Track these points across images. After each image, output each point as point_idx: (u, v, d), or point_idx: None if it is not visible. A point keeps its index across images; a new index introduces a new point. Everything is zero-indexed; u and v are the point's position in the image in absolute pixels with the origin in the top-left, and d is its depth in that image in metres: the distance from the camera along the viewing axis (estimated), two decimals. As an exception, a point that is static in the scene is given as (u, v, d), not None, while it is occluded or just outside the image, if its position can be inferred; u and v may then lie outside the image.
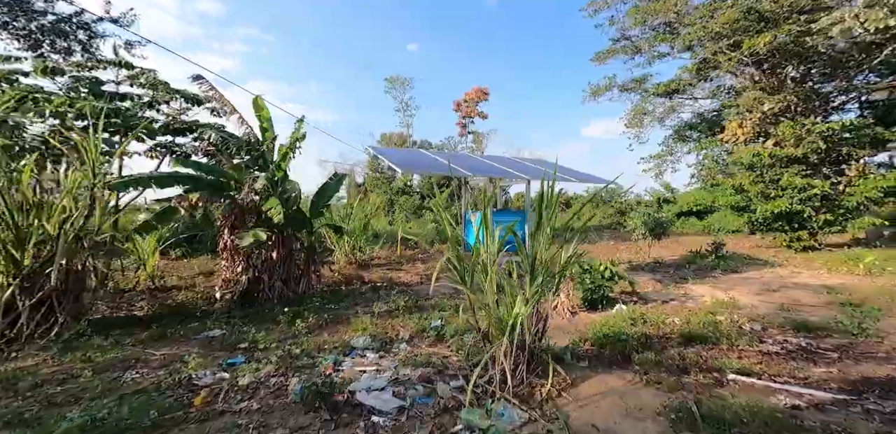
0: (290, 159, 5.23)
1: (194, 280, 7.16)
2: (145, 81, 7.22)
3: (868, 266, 6.67)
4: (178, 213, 4.23)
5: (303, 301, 5.56)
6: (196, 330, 4.33)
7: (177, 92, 7.28)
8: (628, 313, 4.53)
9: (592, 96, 18.50)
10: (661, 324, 4.21)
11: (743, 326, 4.07)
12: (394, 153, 6.32)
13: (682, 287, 6.03)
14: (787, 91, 12.10)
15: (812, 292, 5.44)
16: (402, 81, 34.46)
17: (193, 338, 4.15)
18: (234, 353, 3.71)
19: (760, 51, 10.89)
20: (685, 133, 18.17)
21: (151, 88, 7.18)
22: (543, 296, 3.07)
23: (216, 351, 3.80)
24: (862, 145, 10.85)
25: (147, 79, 7.27)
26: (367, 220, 9.79)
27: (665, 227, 9.16)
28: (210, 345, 3.95)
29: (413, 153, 6.67)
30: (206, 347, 3.88)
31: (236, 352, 3.77)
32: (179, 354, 3.67)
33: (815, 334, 3.72)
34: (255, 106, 5.82)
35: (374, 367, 3.42)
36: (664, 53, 15.96)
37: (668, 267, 7.87)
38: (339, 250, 8.87)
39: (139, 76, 7.32)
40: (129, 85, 7.44)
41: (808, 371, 2.99)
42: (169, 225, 4.80)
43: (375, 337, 4.24)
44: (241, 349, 3.83)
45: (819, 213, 10.52)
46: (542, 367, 3.08)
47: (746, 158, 11.74)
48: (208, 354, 3.69)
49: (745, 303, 4.96)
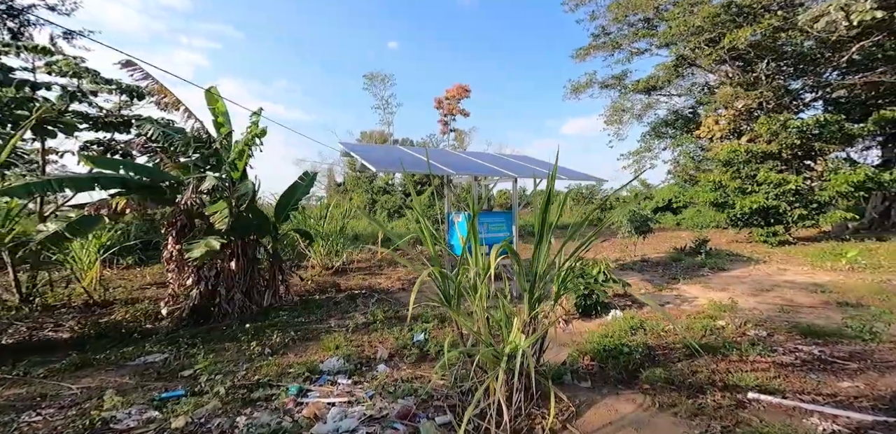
0: (248, 157, 4.58)
1: (145, 292, 6.36)
2: (66, 68, 6.21)
3: (851, 261, 6.69)
4: (100, 222, 3.53)
5: (268, 315, 4.94)
6: (131, 354, 3.65)
7: (108, 82, 6.35)
8: (625, 320, 4.19)
9: (573, 93, 18.43)
10: (662, 332, 3.90)
11: (748, 333, 3.81)
12: (368, 150, 5.77)
13: (673, 288, 5.80)
14: (762, 87, 12.29)
15: (805, 291, 5.31)
16: (382, 78, 33.54)
17: (125, 364, 3.48)
18: (173, 384, 3.10)
19: (740, 46, 10.95)
20: (662, 130, 18.39)
21: (75, 77, 6.22)
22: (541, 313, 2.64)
23: (152, 381, 3.17)
24: (832, 141, 11.12)
25: (67, 65, 6.27)
26: (344, 222, 9.15)
27: (649, 225, 9.02)
28: (145, 373, 3.31)
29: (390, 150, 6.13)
30: (140, 376, 3.24)
31: (177, 382, 3.15)
32: (103, 387, 3.02)
33: (825, 340, 3.49)
34: (207, 98, 5.10)
35: (346, 399, 2.90)
36: (643, 50, 16.00)
37: (655, 265, 7.70)
38: (314, 255, 8.22)
39: (58, 62, 6.28)
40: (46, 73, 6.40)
41: (833, 386, 2.71)
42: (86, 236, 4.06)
43: (349, 357, 3.71)
44: (184, 378, 3.21)
45: (793, 207, 10.72)
46: (541, 391, 2.66)
47: (724, 154, 11.85)
48: (140, 386, 3.06)
49: (743, 305, 4.75)
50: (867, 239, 10.86)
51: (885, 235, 11.57)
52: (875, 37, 11.12)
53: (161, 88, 4.38)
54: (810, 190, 10.99)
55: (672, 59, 14.81)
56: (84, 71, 6.33)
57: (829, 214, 10.50)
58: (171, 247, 4.14)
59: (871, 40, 11.21)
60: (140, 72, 4.19)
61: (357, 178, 28.53)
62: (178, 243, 4.06)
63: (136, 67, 4.16)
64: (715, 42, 11.87)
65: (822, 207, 10.83)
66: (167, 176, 4.00)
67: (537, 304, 2.57)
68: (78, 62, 6.59)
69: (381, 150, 5.93)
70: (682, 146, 16.99)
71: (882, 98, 12.99)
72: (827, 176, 11.28)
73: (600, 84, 17.61)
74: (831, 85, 13.03)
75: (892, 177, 10.16)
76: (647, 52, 16.01)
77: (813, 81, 13.29)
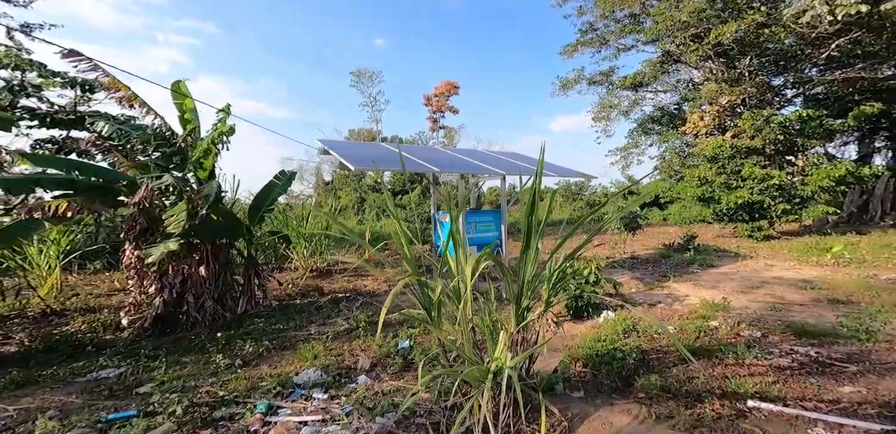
0: (216, 156, 4.24)
1: (110, 299, 5.96)
2: (6, 60, 5.64)
3: (836, 256, 6.73)
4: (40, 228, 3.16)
5: (243, 323, 4.64)
6: (82, 370, 3.32)
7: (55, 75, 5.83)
8: (618, 322, 4.05)
9: (562, 89, 18.35)
10: (656, 334, 3.76)
11: (742, 334, 3.70)
12: (349, 147, 5.47)
13: (664, 286, 5.71)
14: (745, 83, 12.38)
15: (794, 288, 5.27)
16: (369, 75, 32.87)
17: (74, 381, 3.16)
18: (125, 403, 2.80)
19: (725, 41, 10.96)
20: (648, 126, 18.49)
21: (17, 70, 5.69)
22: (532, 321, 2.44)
23: (102, 399, 2.86)
24: (814, 136, 11.27)
25: (7, 57, 5.71)
26: (328, 221, 8.81)
27: (638, 221, 8.97)
28: (96, 390, 3.00)
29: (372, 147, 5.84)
30: (90, 395, 2.93)
31: (130, 400, 2.85)
32: (45, 407, 2.71)
33: (820, 341, 3.39)
34: (174, 93, 4.72)
35: (320, 416, 2.65)
36: (629, 46, 15.98)
37: (645, 263, 7.63)
38: (298, 257, 7.88)
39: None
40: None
41: (834, 391, 2.59)
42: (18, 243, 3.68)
43: (328, 368, 3.46)
44: (140, 395, 2.91)
45: (777, 202, 10.84)
46: (531, 404, 2.47)
47: (709, 150, 11.91)
48: (88, 405, 2.76)
49: (735, 303, 4.66)
50: (848, 233, 11.07)
51: (865, 229, 11.83)
52: (854, 33, 11.28)
53: (113, 81, 3.99)
54: (792, 185, 11.14)
55: (658, 56, 14.82)
56: (27, 63, 5.79)
57: (812, 209, 10.66)
58: (130, 252, 3.80)
59: (849, 37, 11.36)
60: (86, 63, 3.79)
61: (345, 176, 27.98)
62: (137, 248, 3.72)
63: (80, 58, 3.76)
64: (700, 38, 11.89)
65: (805, 202, 10.99)
66: (121, 176, 3.64)
67: (526, 312, 2.37)
68: (21, 54, 6.03)
69: (362, 148, 5.64)
70: (668, 142, 17.10)
71: (859, 94, 13.26)
72: (809, 171, 11.45)
73: (588, 80, 17.56)
74: (812, 81, 13.22)
75: (871, 171, 10.34)
76: (634, 48, 16.01)
77: (794, 78, 13.47)
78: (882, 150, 16.68)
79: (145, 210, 3.45)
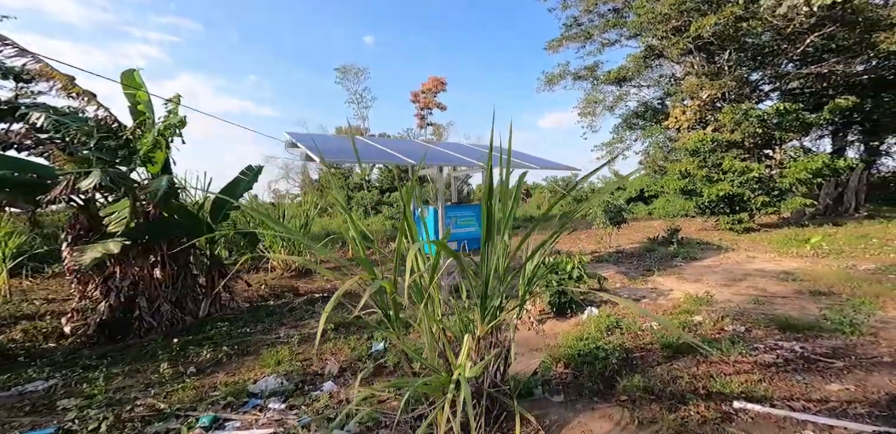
0: (167, 149, 3.88)
1: (65, 304, 5.52)
2: None
3: (815, 247, 6.76)
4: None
5: (204, 327, 4.31)
6: (6, 383, 2.97)
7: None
8: (601, 318, 3.89)
9: (548, 84, 18.26)
10: (640, 331, 3.61)
11: (726, 328, 3.59)
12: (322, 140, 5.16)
13: (648, 280, 5.60)
14: (725, 77, 12.48)
15: (776, 280, 5.23)
16: (355, 72, 32.14)
17: (-4, 397, 2.82)
18: (47, 419, 2.49)
19: (704, 34, 10.97)
20: (633, 121, 18.58)
21: None
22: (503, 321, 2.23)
23: (21, 416, 2.54)
24: (791, 129, 11.43)
25: None
26: (307, 220, 8.43)
27: (623, 215, 8.90)
28: (17, 406, 2.66)
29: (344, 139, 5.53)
30: (9, 411, 2.60)
31: (54, 415, 2.54)
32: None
33: (804, 334, 3.29)
34: (125, 83, 4.31)
35: (271, 430, 2.40)
36: (613, 41, 15.95)
37: (630, 257, 7.55)
38: (275, 257, 7.50)
39: None
40: None
41: (822, 389, 2.47)
42: None
43: (291, 374, 3.20)
44: (66, 410, 2.59)
45: (756, 194, 10.97)
46: (506, 411, 2.27)
47: (691, 144, 11.97)
48: (5, 423, 2.44)
49: (718, 297, 4.57)
50: (825, 224, 11.29)
51: (840, 220, 12.10)
52: (828, 28, 11.45)
53: (46, 69, 3.58)
54: (771, 178, 11.28)
55: (641, 50, 14.82)
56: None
57: (790, 201, 10.81)
58: (68, 254, 3.44)
59: (823, 32, 11.53)
60: (11, 47, 3.38)
61: (332, 174, 27.45)
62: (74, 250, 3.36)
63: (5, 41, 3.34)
64: (680, 31, 11.90)
65: (783, 194, 11.15)
66: (53, 172, 3.25)
67: (498, 312, 2.15)
68: None
69: (335, 141, 5.32)
70: (652, 137, 17.22)
71: (833, 89, 13.53)
72: (787, 164, 11.63)
73: (573, 75, 17.49)
74: (788, 75, 13.43)
75: (846, 163, 10.54)
76: (618, 43, 15.99)
77: (771, 72, 13.66)
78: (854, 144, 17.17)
79: (84, 208, 3.09)
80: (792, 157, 12.01)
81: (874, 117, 14.08)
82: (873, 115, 13.89)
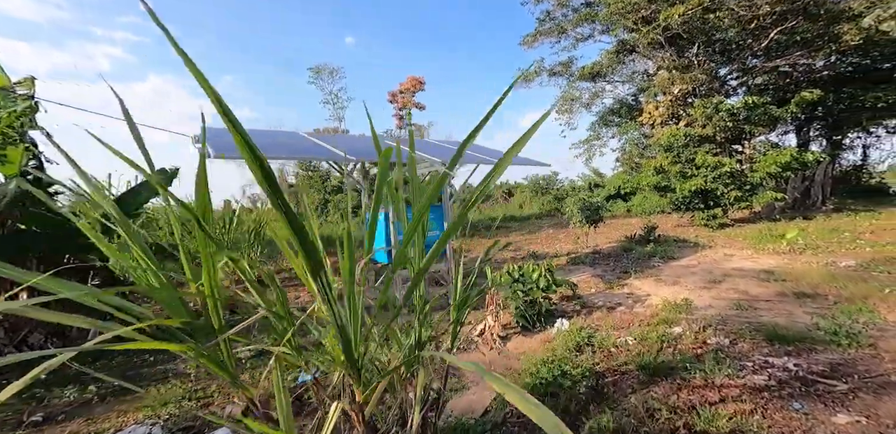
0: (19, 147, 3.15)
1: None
2: None
3: (791, 242, 6.56)
4: None
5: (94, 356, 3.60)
6: None
7: None
8: (572, 333, 3.41)
9: (524, 81, 17.95)
10: (613, 348, 3.15)
11: (708, 341, 3.17)
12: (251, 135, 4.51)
13: (625, 284, 5.20)
14: (695, 70, 12.47)
15: (756, 280, 4.91)
16: (329, 71, 31.10)
17: None
18: None
19: (674, 24, 10.86)
20: (609, 118, 18.53)
21: None
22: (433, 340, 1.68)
23: None
24: (759, 123, 11.45)
25: None
26: (257, 227, 7.57)
27: (600, 213, 8.55)
28: None
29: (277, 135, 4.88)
30: None
31: None
32: None
33: (796, 347, 2.90)
34: None
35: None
36: (586, 35, 15.78)
37: (607, 257, 7.17)
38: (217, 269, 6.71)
39: None
40: None
41: (827, 423, 2.03)
42: None
43: (173, 420, 2.57)
44: None
45: (729, 189, 10.90)
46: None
47: (665, 139, 11.85)
48: None
49: (698, 302, 4.18)
50: (795, 218, 11.35)
51: (810, 214, 12.23)
52: (790, 22, 11.55)
53: None
54: (742, 172, 11.25)
55: (613, 45, 14.71)
56: None
57: (761, 195, 10.79)
58: None
59: (787, 26, 11.63)
60: None
61: (310, 177, 26.58)
62: None
63: None
64: (649, 22, 11.79)
65: (755, 189, 11.13)
66: None
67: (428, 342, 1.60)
68: None
69: (259, 135, 4.66)
70: (628, 134, 17.19)
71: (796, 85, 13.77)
72: (756, 158, 11.65)
73: (548, 71, 17.26)
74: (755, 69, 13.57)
75: (813, 157, 10.59)
76: (591, 38, 15.84)
77: (738, 66, 13.76)
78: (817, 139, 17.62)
79: None
80: (760, 152, 12.05)
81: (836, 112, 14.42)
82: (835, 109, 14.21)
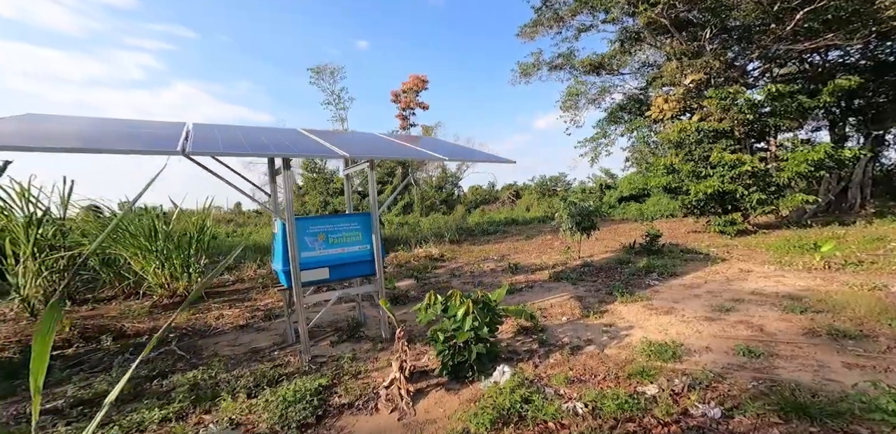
0: None
1: None
2: None
3: (826, 257, 5.34)
4: None
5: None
6: None
7: None
8: (506, 390, 2.48)
9: (523, 76, 17.03)
10: (551, 421, 2.20)
11: (691, 411, 2.18)
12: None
13: (606, 310, 4.18)
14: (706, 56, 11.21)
15: (778, 310, 3.79)
16: (331, 71, 31.03)
17: None
18: None
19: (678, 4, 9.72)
20: (618, 114, 17.30)
21: None
22: None
23: None
24: (786, 115, 10.07)
25: None
26: (199, 230, 6.75)
27: (594, 220, 7.47)
28: None
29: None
30: None
31: None
32: None
33: (824, 429, 1.87)
34: None
35: None
36: (588, 25, 14.68)
37: (597, 272, 6.12)
38: (153, 280, 6.05)
39: None
40: None
41: None
42: None
43: None
44: None
45: (751, 191, 9.58)
46: None
47: (673, 134, 10.63)
48: None
49: (693, 342, 3.15)
50: (830, 224, 9.90)
51: (846, 218, 10.71)
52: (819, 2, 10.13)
53: None
54: (767, 171, 9.89)
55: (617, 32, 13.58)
56: None
57: (789, 198, 9.41)
58: None
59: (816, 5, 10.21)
60: None
61: (314, 179, 26.46)
62: None
63: None
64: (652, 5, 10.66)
65: (781, 190, 9.77)
66: None
67: None
68: None
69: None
70: (637, 130, 15.92)
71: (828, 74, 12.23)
72: (783, 155, 10.25)
73: (548, 64, 16.21)
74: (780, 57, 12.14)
75: (852, 153, 9.15)
76: (594, 27, 14.72)
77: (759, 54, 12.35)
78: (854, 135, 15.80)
79: None
80: (788, 149, 10.65)
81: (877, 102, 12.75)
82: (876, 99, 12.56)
